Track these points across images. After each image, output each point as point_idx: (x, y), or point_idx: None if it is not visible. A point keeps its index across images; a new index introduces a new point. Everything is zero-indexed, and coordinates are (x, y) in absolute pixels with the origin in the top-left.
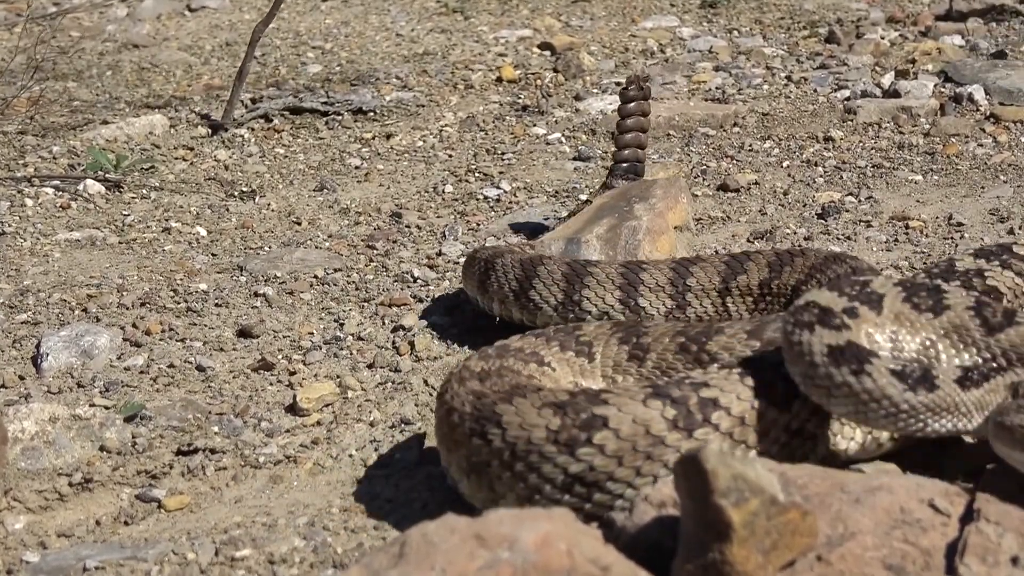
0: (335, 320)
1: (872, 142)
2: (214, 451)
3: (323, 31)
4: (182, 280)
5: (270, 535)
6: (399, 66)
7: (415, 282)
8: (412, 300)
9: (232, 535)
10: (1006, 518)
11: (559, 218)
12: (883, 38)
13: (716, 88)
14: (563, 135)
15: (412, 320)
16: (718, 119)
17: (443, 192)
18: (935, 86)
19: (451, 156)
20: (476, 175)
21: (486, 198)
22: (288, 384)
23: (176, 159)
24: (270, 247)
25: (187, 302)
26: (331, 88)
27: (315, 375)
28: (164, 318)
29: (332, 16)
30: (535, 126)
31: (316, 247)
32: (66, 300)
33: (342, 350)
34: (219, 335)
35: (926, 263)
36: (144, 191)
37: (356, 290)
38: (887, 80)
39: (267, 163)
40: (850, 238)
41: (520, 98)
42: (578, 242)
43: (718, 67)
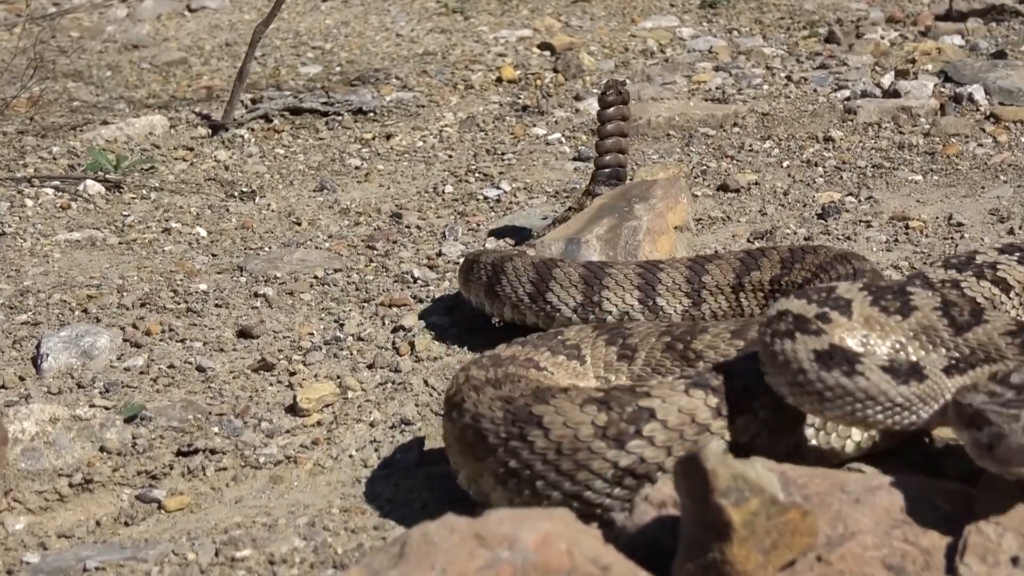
0: (335, 320)
1: (872, 142)
2: (214, 452)
3: (323, 31)
4: (182, 280)
5: (270, 535)
6: (399, 66)
7: (415, 282)
8: (412, 300)
9: (232, 535)
10: (1006, 518)
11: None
12: (883, 38)
13: (716, 88)
14: (563, 135)
15: (412, 320)
16: (718, 119)
17: (443, 192)
18: (935, 86)
19: (451, 156)
20: (476, 175)
21: (486, 198)
22: (288, 384)
23: (176, 159)
24: (270, 247)
25: (187, 302)
26: (331, 88)
27: (315, 375)
28: (164, 318)
29: (332, 16)
30: (535, 126)
31: (316, 247)
32: (66, 301)
33: (342, 350)
34: (219, 335)
35: (925, 263)
36: (144, 191)
37: (356, 290)
38: (887, 80)
39: (267, 163)
40: (850, 238)
41: (520, 98)
42: (578, 242)
43: (718, 67)
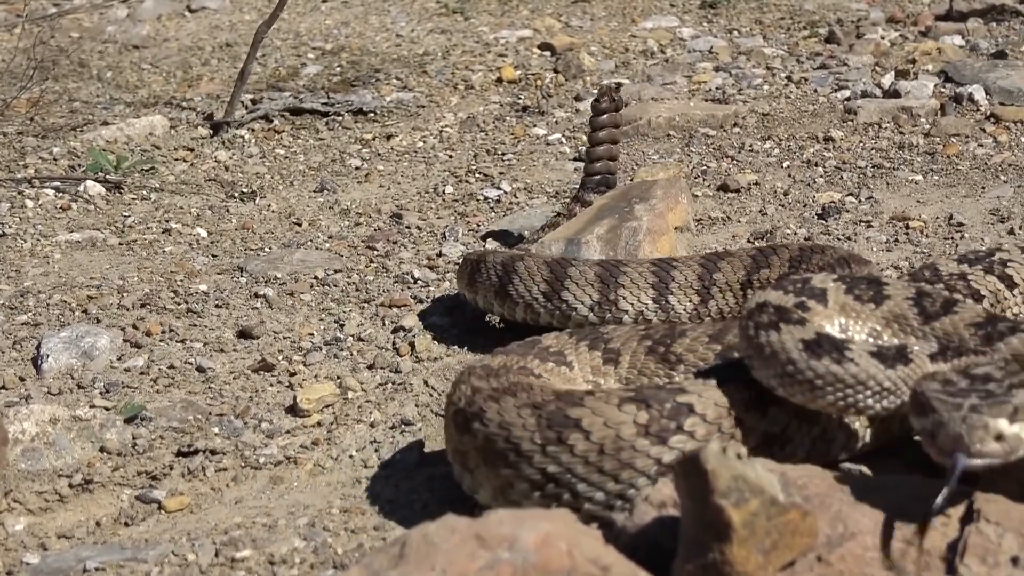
0: (335, 321)
1: (872, 142)
2: (214, 452)
3: (323, 32)
4: (182, 281)
5: (270, 536)
6: (399, 66)
7: (415, 283)
8: (412, 301)
9: (232, 536)
10: (1006, 518)
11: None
12: (883, 38)
13: (716, 88)
14: (563, 135)
15: (412, 321)
16: (718, 119)
17: (443, 193)
18: (935, 86)
19: (451, 157)
20: (476, 176)
21: (486, 199)
22: (288, 385)
23: (176, 160)
24: (270, 248)
25: (187, 303)
26: (331, 89)
27: (315, 376)
28: (164, 319)
29: (332, 17)
30: (535, 126)
31: (316, 248)
32: (66, 301)
33: (342, 351)
34: (219, 336)
35: (926, 263)
36: (144, 192)
37: (356, 291)
38: (887, 80)
39: (267, 164)
40: (850, 238)
41: (520, 99)
42: (578, 243)
43: (718, 67)
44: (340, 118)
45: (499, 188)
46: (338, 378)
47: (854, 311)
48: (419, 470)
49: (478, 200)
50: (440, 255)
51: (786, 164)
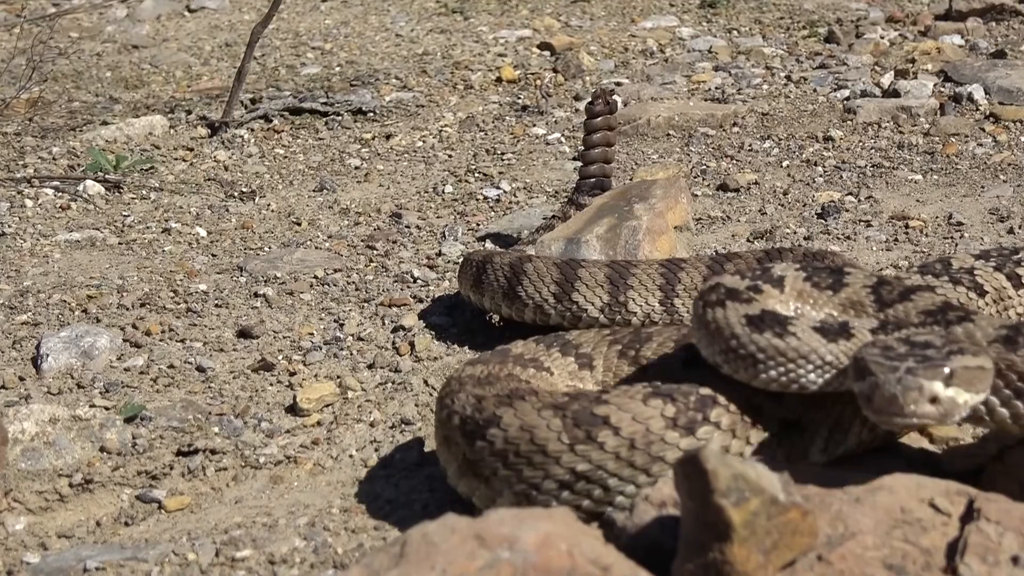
0: (335, 320)
1: (872, 142)
2: (214, 452)
3: (323, 31)
4: (182, 281)
5: (270, 535)
6: (399, 66)
7: (415, 282)
8: (412, 300)
9: (232, 535)
10: (1006, 517)
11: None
12: (883, 38)
13: (716, 88)
14: (563, 135)
15: (412, 320)
16: (718, 119)
17: (443, 192)
18: (935, 86)
19: (451, 156)
20: (476, 175)
21: (486, 198)
22: (288, 384)
23: (176, 160)
24: (270, 248)
25: (187, 303)
26: (331, 88)
27: (315, 375)
28: (164, 319)
29: (332, 16)
30: (535, 126)
31: (316, 247)
32: (66, 301)
33: (342, 350)
34: (219, 336)
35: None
36: (144, 192)
37: (356, 290)
38: (887, 80)
39: (267, 163)
40: (850, 238)
41: (520, 98)
42: (578, 242)
43: (718, 67)
44: (339, 118)
45: (499, 188)
46: (338, 378)
47: (811, 297)
48: (419, 470)
49: (478, 200)
50: (440, 254)
51: (786, 163)
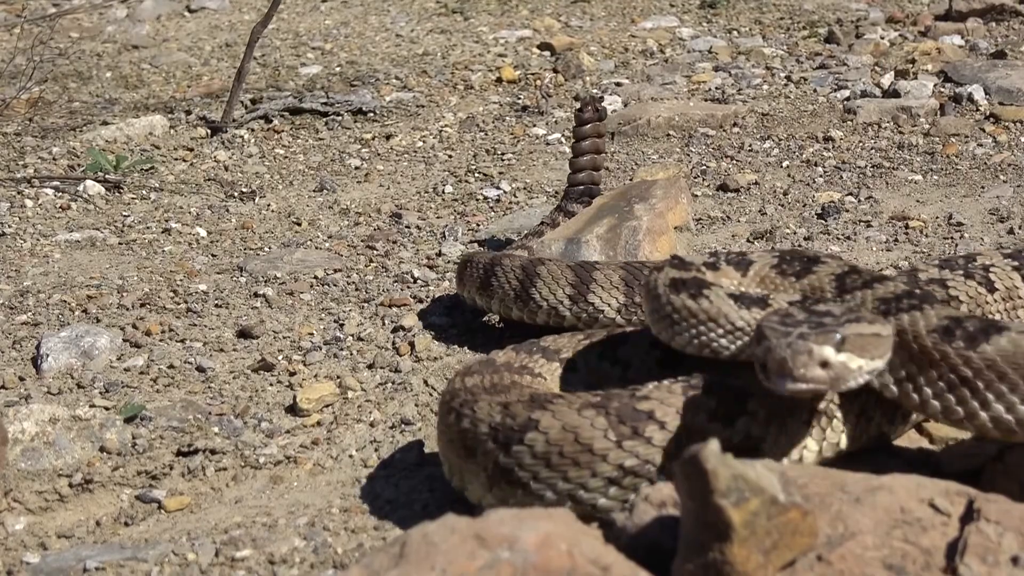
0: (335, 320)
1: (872, 142)
2: (214, 452)
3: (323, 31)
4: (182, 281)
5: (270, 535)
6: (399, 66)
7: (415, 282)
8: (412, 300)
9: (232, 535)
10: (1006, 518)
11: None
12: (883, 38)
13: (716, 88)
14: (563, 135)
15: (412, 320)
16: (718, 119)
17: (443, 192)
18: (935, 86)
19: (451, 156)
20: (476, 175)
21: (486, 198)
22: (288, 385)
23: (176, 160)
24: (270, 248)
25: (187, 303)
26: (331, 89)
27: (315, 375)
28: (164, 319)
29: (332, 16)
30: (535, 126)
31: (316, 248)
32: (66, 301)
33: (342, 350)
34: (219, 336)
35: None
36: (144, 192)
37: (356, 291)
38: (887, 80)
39: (267, 164)
40: (850, 238)
41: (520, 98)
42: (578, 242)
43: (718, 67)
44: (340, 118)
45: (499, 188)
46: (338, 378)
47: (773, 283)
48: (419, 470)
49: (478, 200)
50: (440, 255)
51: (786, 164)
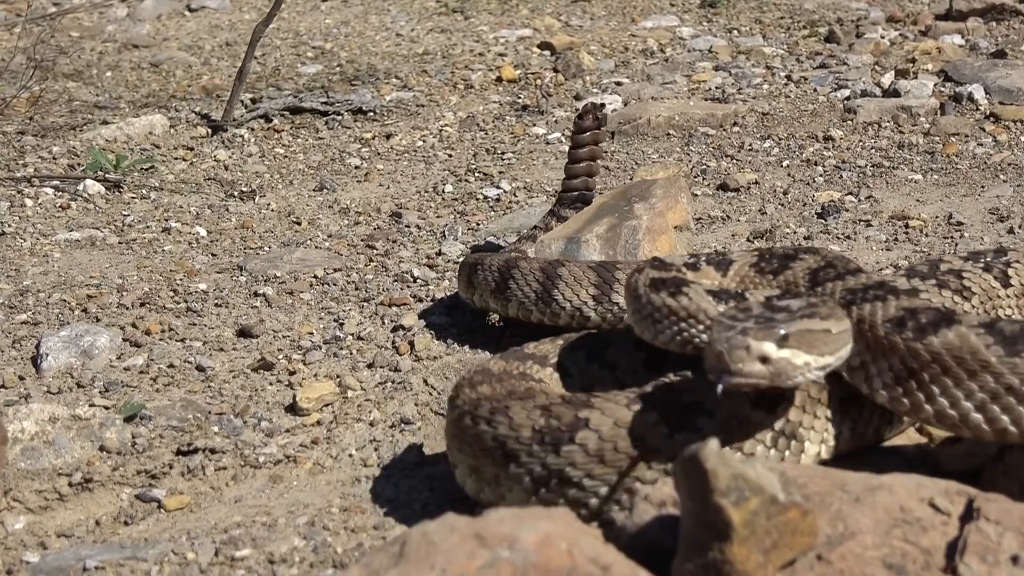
0: (335, 320)
1: (872, 141)
2: (214, 451)
3: (323, 31)
4: (182, 280)
5: (270, 535)
6: (399, 66)
7: (415, 282)
8: (412, 300)
9: (232, 535)
10: (1006, 517)
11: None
12: (883, 38)
13: (716, 88)
14: (563, 135)
15: (412, 320)
16: (718, 119)
17: (443, 192)
18: (935, 85)
19: (451, 156)
20: (476, 175)
21: (486, 198)
22: (288, 384)
23: (176, 159)
24: (270, 247)
25: (187, 302)
26: (331, 88)
27: (315, 375)
28: (164, 318)
29: (332, 16)
30: (535, 126)
31: (316, 247)
32: (66, 300)
33: (342, 350)
34: (219, 335)
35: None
36: (144, 191)
37: (356, 290)
38: (887, 79)
39: (267, 163)
40: (850, 237)
41: (520, 98)
42: (578, 242)
43: (718, 67)
44: (340, 117)
45: (499, 187)
46: (338, 377)
47: (752, 282)
48: (419, 469)
49: (478, 199)
50: (440, 254)
51: (786, 163)
